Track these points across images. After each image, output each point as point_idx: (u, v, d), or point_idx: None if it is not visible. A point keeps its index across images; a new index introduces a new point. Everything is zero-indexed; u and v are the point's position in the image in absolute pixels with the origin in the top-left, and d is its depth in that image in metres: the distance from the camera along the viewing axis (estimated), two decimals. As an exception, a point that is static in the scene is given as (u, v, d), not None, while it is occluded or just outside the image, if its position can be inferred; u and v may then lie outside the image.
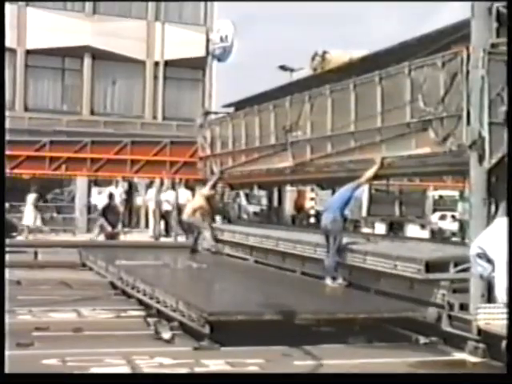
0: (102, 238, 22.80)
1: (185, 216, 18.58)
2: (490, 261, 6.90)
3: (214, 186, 18.74)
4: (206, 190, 18.46)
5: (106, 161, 20.11)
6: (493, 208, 9.39)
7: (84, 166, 20.24)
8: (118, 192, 26.67)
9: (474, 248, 7.11)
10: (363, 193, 24.80)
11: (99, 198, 27.44)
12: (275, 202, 21.58)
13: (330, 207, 12.53)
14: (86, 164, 20.13)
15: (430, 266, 9.92)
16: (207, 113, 21.69)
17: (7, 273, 8.24)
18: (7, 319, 6.91)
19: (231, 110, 20.04)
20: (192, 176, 21.11)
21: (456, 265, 9.74)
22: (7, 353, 6.29)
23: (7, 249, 9.11)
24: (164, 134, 26.30)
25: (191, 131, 22.86)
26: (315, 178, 16.07)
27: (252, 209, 29.12)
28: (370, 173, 12.24)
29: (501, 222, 7.22)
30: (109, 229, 22.31)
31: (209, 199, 18.25)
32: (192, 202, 19.33)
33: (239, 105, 18.97)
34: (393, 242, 13.48)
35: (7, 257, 9.04)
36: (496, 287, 6.93)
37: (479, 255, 6.98)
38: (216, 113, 22.03)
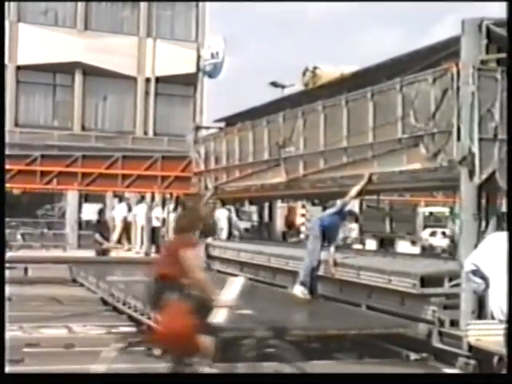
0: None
1: None
2: (483, 277, 6.90)
3: (206, 203, 18.77)
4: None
5: (97, 175, 20.05)
6: (483, 223, 9.46)
7: (75, 181, 20.16)
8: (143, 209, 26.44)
9: (467, 264, 7.11)
10: (354, 209, 24.79)
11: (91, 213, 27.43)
12: (266, 218, 21.57)
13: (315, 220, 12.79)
14: (77, 178, 20.06)
15: (424, 281, 9.94)
16: (198, 127, 21.71)
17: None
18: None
19: (222, 124, 20.07)
20: (183, 190, 21.07)
21: (450, 279, 9.76)
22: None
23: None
24: (155, 149, 26.30)
25: (182, 146, 22.85)
26: (308, 193, 16.10)
27: (243, 225, 29.07)
28: (354, 190, 12.29)
29: (494, 237, 7.22)
30: (105, 243, 22.29)
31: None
32: None
33: (230, 120, 19.02)
34: (385, 258, 13.50)
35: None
36: (491, 303, 6.93)
37: (473, 272, 6.97)
38: (207, 127, 22.04)
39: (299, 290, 12.00)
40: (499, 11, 9.43)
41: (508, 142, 8.64)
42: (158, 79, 35.40)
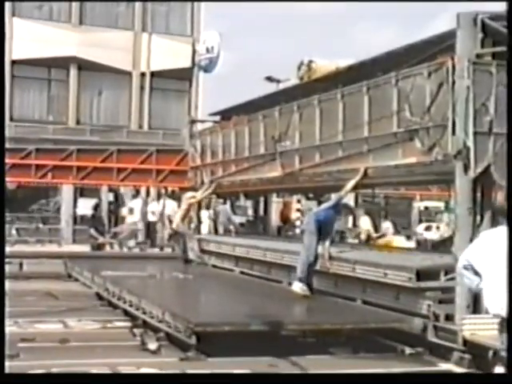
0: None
1: (174, 225, 18.64)
2: (477, 273, 6.91)
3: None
4: (198, 194, 18.46)
5: (92, 169, 19.99)
6: (478, 218, 9.46)
7: (70, 174, 20.11)
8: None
9: (461, 261, 7.13)
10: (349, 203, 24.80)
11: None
12: (261, 213, 21.56)
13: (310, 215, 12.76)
14: (71, 172, 20.01)
15: (420, 275, 9.93)
16: (193, 121, 21.67)
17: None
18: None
19: (217, 118, 20.02)
20: (178, 184, 21.03)
21: (446, 273, 9.76)
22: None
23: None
24: (150, 143, 26.26)
25: (177, 140, 22.80)
26: (304, 187, 16.09)
27: (238, 220, 29.05)
28: (350, 184, 12.28)
29: (488, 234, 7.23)
30: (100, 238, 22.33)
31: (199, 204, 18.32)
32: (179, 210, 19.37)
33: (225, 113, 18.98)
34: (380, 252, 13.50)
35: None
36: (485, 299, 6.94)
37: (466, 267, 6.98)
38: (202, 121, 21.99)
39: (298, 287, 11.98)
40: (494, 7, 9.47)
41: (507, 136, 8.63)
42: (153, 74, 35.39)
